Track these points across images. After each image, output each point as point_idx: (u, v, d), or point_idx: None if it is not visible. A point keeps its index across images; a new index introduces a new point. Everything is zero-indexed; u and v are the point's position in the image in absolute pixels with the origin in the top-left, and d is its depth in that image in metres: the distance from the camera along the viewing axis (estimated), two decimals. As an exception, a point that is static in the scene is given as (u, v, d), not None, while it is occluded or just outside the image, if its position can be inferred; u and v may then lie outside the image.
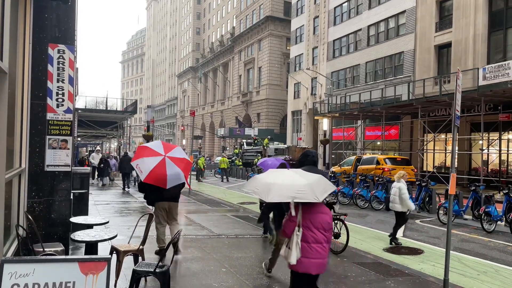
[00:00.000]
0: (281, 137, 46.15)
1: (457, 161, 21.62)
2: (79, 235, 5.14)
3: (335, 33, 36.96)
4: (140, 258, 5.62)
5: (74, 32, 6.48)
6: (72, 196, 6.92)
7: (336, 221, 8.21)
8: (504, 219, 11.11)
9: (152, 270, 4.68)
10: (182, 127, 64.60)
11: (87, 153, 39.40)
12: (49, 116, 6.14)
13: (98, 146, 45.80)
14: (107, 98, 35.17)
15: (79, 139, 37.07)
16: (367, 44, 32.61)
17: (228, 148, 55.70)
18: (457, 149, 15.55)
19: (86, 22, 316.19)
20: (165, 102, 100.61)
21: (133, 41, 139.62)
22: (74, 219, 6.19)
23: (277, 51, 51.49)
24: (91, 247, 5.18)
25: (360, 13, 33.59)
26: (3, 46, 3.95)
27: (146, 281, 5.66)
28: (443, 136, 24.49)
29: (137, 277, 4.78)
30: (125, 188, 19.76)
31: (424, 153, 25.29)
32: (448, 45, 25.09)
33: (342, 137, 31.59)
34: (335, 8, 37.11)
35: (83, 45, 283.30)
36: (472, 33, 23.15)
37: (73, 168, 6.71)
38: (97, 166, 22.44)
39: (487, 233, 10.52)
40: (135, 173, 18.63)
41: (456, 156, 9.02)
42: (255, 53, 55.10)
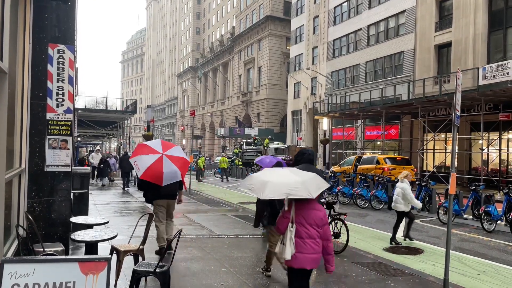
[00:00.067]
0: (281, 137, 46.13)
1: (457, 161, 21.63)
2: (79, 235, 5.14)
3: (335, 33, 36.96)
4: (140, 258, 5.62)
5: (74, 32, 6.48)
6: (72, 196, 6.91)
7: (336, 221, 8.22)
8: (504, 218, 11.13)
9: (152, 270, 4.68)
10: (182, 127, 64.59)
11: (87, 153, 39.36)
12: (49, 116, 6.14)
13: (98, 146, 45.78)
14: (107, 98, 35.23)
15: (79, 139, 37.07)
16: (367, 44, 32.61)
17: (228, 148, 55.67)
18: (457, 148, 15.55)
19: (86, 22, 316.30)
20: (165, 102, 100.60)
21: (133, 41, 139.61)
22: (74, 219, 6.20)
23: (277, 51, 51.49)
24: (91, 247, 5.19)
25: (360, 13, 33.59)
26: (3, 46, 3.95)
27: (146, 281, 5.67)
28: (443, 136, 24.49)
29: (137, 277, 4.78)
30: (125, 187, 19.78)
31: (424, 153, 25.29)
32: (448, 44, 25.09)
33: (342, 136, 31.60)
34: (335, 7, 37.11)
35: (83, 45, 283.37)
36: (472, 32, 23.15)
37: (73, 168, 6.71)
38: (96, 166, 22.42)
39: (487, 232, 10.53)
40: (135, 172, 18.62)
41: (456, 156, 9.03)
42: (255, 53, 55.09)
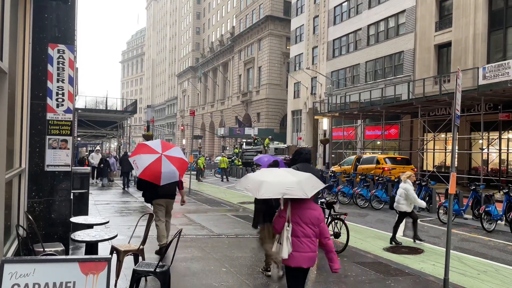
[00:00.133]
0: (281, 136, 46.12)
1: (457, 161, 21.63)
2: (79, 235, 5.14)
3: (335, 33, 36.95)
4: (140, 258, 5.62)
5: (74, 32, 6.48)
6: (72, 196, 6.91)
7: (336, 221, 8.23)
8: (504, 218, 11.13)
9: (153, 270, 4.68)
10: (182, 127, 64.59)
11: (87, 153, 39.37)
12: (49, 116, 6.14)
13: (97, 146, 45.78)
14: (107, 98, 35.28)
15: (79, 139, 37.08)
16: (367, 44, 32.60)
17: (228, 148, 55.66)
18: (457, 148, 15.55)
19: (86, 22, 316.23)
20: (165, 102, 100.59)
21: (133, 40, 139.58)
22: (74, 219, 6.20)
23: (277, 50, 51.48)
24: (91, 247, 5.19)
25: (360, 13, 33.58)
26: (3, 46, 3.95)
27: (146, 281, 5.67)
28: (443, 136, 24.50)
29: (137, 277, 4.78)
30: (125, 187, 19.78)
31: (424, 153, 25.29)
32: (448, 44, 25.09)
33: (342, 136, 31.59)
34: (335, 7, 37.10)
35: (83, 45, 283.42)
36: (472, 32, 23.14)
37: (73, 168, 6.71)
38: (96, 166, 22.39)
39: (487, 232, 10.53)
40: (134, 172, 18.62)
41: (456, 156, 9.03)
42: (255, 52, 55.08)
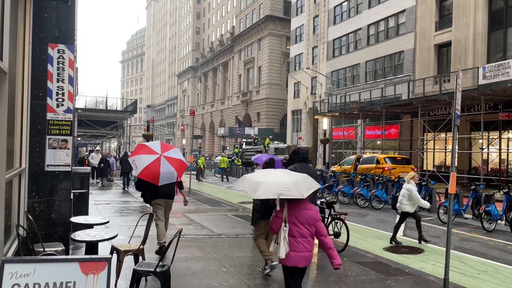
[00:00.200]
0: (281, 136, 46.12)
1: (457, 160, 21.60)
2: (79, 235, 5.14)
3: (335, 32, 36.94)
4: (140, 257, 5.62)
5: (74, 32, 6.48)
6: (72, 196, 6.91)
7: (336, 221, 8.23)
8: (504, 218, 11.13)
9: (153, 270, 4.68)
10: (182, 127, 64.59)
11: (87, 153, 39.38)
12: (49, 116, 6.14)
13: (97, 146, 45.79)
14: (107, 97, 35.32)
15: (79, 138, 37.09)
16: (367, 43, 32.59)
17: (228, 148, 55.66)
18: (457, 148, 15.55)
19: (86, 22, 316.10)
20: (165, 101, 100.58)
21: (132, 40, 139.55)
22: (75, 219, 6.20)
23: (277, 50, 51.47)
24: (92, 247, 5.18)
25: (360, 12, 33.58)
26: (3, 46, 3.95)
27: (146, 280, 5.67)
28: (443, 135, 24.49)
29: (137, 277, 4.78)
30: (125, 187, 19.79)
31: (424, 152, 25.29)
32: (448, 44, 25.08)
33: (342, 136, 31.59)
34: (335, 7, 37.09)
35: (83, 45, 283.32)
36: (472, 32, 23.14)
37: (73, 168, 6.72)
38: (96, 166, 22.35)
39: (487, 232, 10.53)
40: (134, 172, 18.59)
41: (456, 155, 9.02)
42: (255, 52, 55.07)
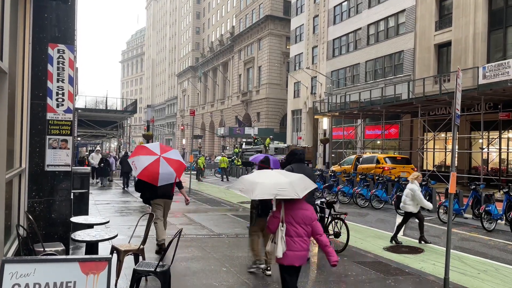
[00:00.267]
0: (281, 136, 46.10)
1: (457, 160, 21.60)
2: (79, 235, 5.14)
3: (335, 32, 36.94)
4: (140, 257, 5.62)
5: (74, 32, 6.48)
6: (72, 196, 6.92)
7: (336, 220, 8.23)
8: (504, 217, 11.13)
9: (153, 270, 4.68)
10: (182, 127, 64.59)
11: (87, 153, 39.37)
12: (49, 116, 6.14)
13: (98, 146, 45.78)
14: (107, 97, 35.35)
15: (79, 138, 37.08)
16: (367, 43, 32.59)
17: (228, 148, 55.65)
18: (457, 148, 15.55)
19: (86, 22, 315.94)
20: (165, 101, 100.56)
21: (132, 40, 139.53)
22: (75, 219, 6.20)
23: (276, 50, 51.46)
24: (92, 247, 5.18)
25: (360, 12, 33.57)
26: (3, 46, 3.95)
27: (146, 280, 5.67)
28: (443, 135, 24.50)
29: (137, 277, 4.78)
30: (125, 187, 19.80)
31: (424, 152, 25.30)
32: (448, 44, 25.08)
33: (342, 136, 31.59)
34: (334, 7, 37.09)
35: (83, 45, 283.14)
36: (472, 31, 23.14)
37: (73, 168, 6.72)
38: (96, 166, 22.31)
39: (487, 232, 10.53)
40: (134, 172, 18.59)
41: (456, 155, 9.02)
42: (254, 52, 55.07)
